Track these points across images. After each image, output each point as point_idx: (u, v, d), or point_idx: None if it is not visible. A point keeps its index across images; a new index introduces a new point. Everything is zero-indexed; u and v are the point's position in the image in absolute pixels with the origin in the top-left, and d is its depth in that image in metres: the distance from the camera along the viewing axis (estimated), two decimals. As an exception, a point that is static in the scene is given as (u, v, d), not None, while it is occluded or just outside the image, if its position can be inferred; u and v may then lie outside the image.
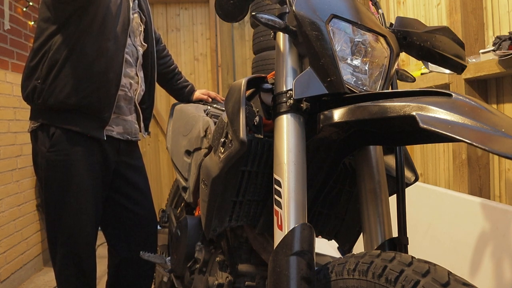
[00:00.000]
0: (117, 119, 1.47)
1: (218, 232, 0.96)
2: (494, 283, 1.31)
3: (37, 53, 1.34)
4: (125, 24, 1.41)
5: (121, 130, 1.48)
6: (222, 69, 3.84)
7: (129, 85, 1.47)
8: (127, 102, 1.49)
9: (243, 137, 0.77)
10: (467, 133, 0.50)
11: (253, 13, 0.76)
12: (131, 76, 1.48)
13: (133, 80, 1.50)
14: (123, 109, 1.48)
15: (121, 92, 1.44)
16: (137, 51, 1.51)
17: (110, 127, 1.44)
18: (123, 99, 1.46)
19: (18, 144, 2.55)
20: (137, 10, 1.54)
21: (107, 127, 1.41)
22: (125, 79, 1.45)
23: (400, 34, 0.88)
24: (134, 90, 1.51)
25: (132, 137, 1.54)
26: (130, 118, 1.53)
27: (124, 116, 1.49)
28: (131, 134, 1.54)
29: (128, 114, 1.51)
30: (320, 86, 0.74)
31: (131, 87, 1.49)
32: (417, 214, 1.77)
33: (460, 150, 1.85)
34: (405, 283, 0.53)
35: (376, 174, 0.83)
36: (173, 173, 3.78)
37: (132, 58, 1.48)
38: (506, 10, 1.64)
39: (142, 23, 1.56)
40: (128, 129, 1.52)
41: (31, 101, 1.37)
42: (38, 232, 2.77)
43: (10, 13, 2.49)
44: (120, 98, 1.44)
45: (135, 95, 1.53)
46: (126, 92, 1.47)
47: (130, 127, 1.53)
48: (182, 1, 3.89)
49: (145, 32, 1.58)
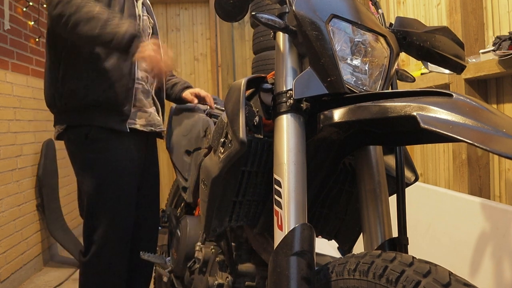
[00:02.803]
0: (138, 112, 1.50)
1: (218, 232, 0.95)
2: (494, 283, 1.31)
3: (53, 59, 1.40)
4: (132, 17, 1.43)
5: (143, 122, 1.52)
6: (222, 69, 3.84)
7: (145, 78, 1.51)
8: (146, 95, 1.52)
9: (243, 137, 0.77)
10: (468, 133, 0.50)
11: (253, 13, 0.76)
12: (146, 69, 1.51)
13: (150, 74, 1.53)
14: (143, 102, 1.51)
15: (138, 86, 1.47)
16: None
17: (132, 120, 1.46)
18: (141, 92, 1.50)
19: (18, 144, 2.54)
20: (146, 14, 1.57)
21: (129, 120, 1.44)
22: (141, 72, 1.48)
23: (400, 34, 0.88)
24: (150, 84, 1.55)
25: (156, 128, 1.57)
26: (151, 110, 1.56)
27: (145, 108, 1.53)
28: (155, 126, 1.57)
29: (149, 107, 1.55)
30: (320, 86, 0.74)
31: (148, 80, 1.53)
32: (417, 214, 1.77)
33: (460, 150, 1.85)
34: (406, 284, 0.53)
35: (376, 174, 0.82)
36: (173, 173, 3.78)
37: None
38: (506, 10, 1.64)
39: (150, 26, 1.60)
40: (151, 121, 1.55)
41: (54, 106, 1.43)
42: (38, 232, 2.77)
43: (10, 13, 2.49)
44: (139, 91, 1.48)
45: (152, 88, 1.57)
46: (143, 85, 1.51)
47: (153, 119, 1.56)
48: (182, 1, 3.88)
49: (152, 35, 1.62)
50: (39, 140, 2.81)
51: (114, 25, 1.22)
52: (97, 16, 1.22)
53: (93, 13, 1.22)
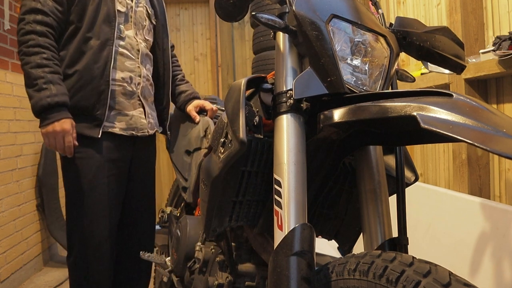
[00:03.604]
0: (118, 115, 1.44)
1: (218, 232, 0.95)
2: (494, 283, 1.31)
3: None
4: (110, 16, 1.39)
5: (123, 126, 1.45)
6: (222, 69, 3.84)
7: (128, 79, 1.45)
8: (128, 96, 1.45)
9: (243, 137, 0.77)
10: (468, 133, 0.50)
11: (253, 13, 0.76)
12: (131, 69, 1.45)
13: (134, 74, 1.46)
14: (123, 104, 1.44)
15: (117, 88, 1.42)
16: (138, 44, 1.48)
17: (110, 124, 1.42)
18: (121, 94, 1.43)
19: (18, 144, 2.54)
20: (143, 4, 1.53)
21: (106, 123, 1.40)
22: (122, 73, 1.43)
23: (400, 34, 0.88)
24: (136, 84, 1.47)
25: (138, 132, 1.48)
26: (135, 112, 1.48)
27: (126, 111, 1.45)
28: (137, 130, 1.48)
29: (132, 109, 1.47)
30: (320, 86, 0.74)
31: (132, 80, 1.46)
32: (417, 214, 1.77)
33: (460, 150, 1.85)
34: (406, 284, 0.53)
35: (376, 174, 0.82)
36: (173, 173, 3.78)
37: (132, 51, 1.46)
38: (506, 10, 1.64)
39: (147, 18, 1.55)
40: (133, 124, 1.47)
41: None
42: (38, 232, 2.77)
43: (10, 13, 2.49)
44: (118, 93, 1.42)
45: (138, 89, 1.49)
46: (125, 87, 1.44)
47: (135, 122, 1.48)
48: (182, 1, 3.88)
49: (155, 29, 1.58)
50: (39, 140, 2.81)
51: (36, 88, 1.26)
52: (30, 71, 1.27)
53: (30, 64, 1.28)
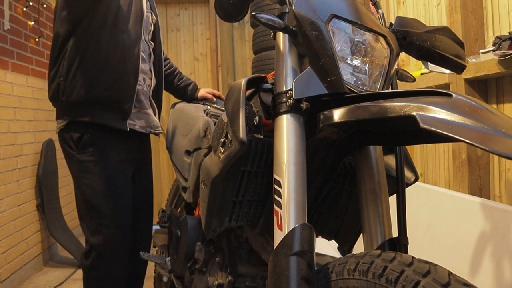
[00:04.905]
0: (138, 113, 1.51)
1: (218, 232, 0.95)
2: (494, 283, 1.31)
3: (57, 53, 1.40)
4: (139, 17, 1.44)
5: (143, 124, 1.53)
6: (222, 69, 3.84)
7: (142, 80, 1.51)
8: (144, 96, 1.53)
9: (243, 137, 0.77)
10: (468, 133, 0.50)
11: (253, 13, 0.76)
12: (145, 71, 1.52)
13: (147, 76, 1.54)
14: (143, 103, 1.52)
15: (138, 86, 1.47)
16: (149, 47, 1.55)
17: (132, 121, 1.47)
18: (142, 93, 1.50)
19: (18, 144, 2.54)
20: (149, 10, 1.58)
21: (129, 120, 1.44)
22: (140, 74, 1.48)
23: (400, 34, 0.88)
24: (147, 85, 1.55)
25: (155, 130, 1.59)
26: (150, 112, 1.57)
27: (145, 110, 1.53)
28: (154, 127, 1.58)
29: (148, 108, 1.56)
30: (320, 86, 0.74)
31: (145, 82, 1.53)
32: (417, 214, 1.77)
33: (460, 150, 1.85)
34: (405, 283, 0.53)
35: (376, 174, 0.82)
36: (173, 173, 3.78)
37: (145, 53, 1.52)
38: (506, 10, 1.64)
39: (152, 23, 1.61)
40: (150, 123, 1.56)
41: (56, 100, 1.42)
42: (38, 232, 2.77)
43: (10, 13, 2.49)
44: (139, 92, 1.48)
45: (149, 90, 1.57)
46: (142, 87, 1.51)
47: (152, 121, 1.57)
48: (182, 1, 3.88)
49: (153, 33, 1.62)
50: (39, 140, 2.81)
51: None
52: None
53: None
